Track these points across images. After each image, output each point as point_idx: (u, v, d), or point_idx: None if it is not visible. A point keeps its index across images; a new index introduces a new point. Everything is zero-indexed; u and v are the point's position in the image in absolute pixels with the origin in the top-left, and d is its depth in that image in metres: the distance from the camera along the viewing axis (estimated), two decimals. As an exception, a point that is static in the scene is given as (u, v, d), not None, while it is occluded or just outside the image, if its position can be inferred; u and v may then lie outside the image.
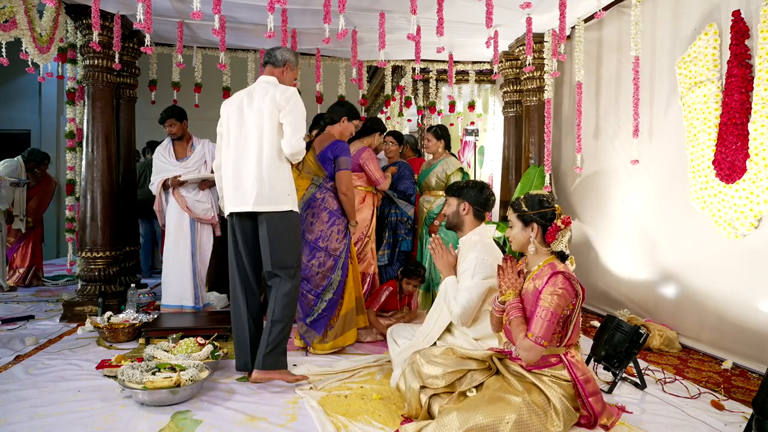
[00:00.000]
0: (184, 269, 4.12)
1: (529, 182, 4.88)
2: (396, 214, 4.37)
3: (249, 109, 2.77)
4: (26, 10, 3.54)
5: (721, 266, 3.30)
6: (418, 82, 6.51)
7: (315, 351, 3.29)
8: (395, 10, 4.11)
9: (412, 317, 3.88)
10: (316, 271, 3.30)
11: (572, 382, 2.08)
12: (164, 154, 4.23)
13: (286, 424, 2.28)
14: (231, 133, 2.79)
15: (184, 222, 4.17)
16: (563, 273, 2.08)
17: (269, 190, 2.69)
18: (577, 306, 2.10)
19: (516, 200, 2.29)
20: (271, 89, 2.77)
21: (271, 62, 2.90)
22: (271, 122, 2.71)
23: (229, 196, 2.78)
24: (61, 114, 8.58)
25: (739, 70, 3.05)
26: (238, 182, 2.73)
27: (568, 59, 4.86)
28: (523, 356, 2.08)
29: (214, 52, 5.26)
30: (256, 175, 2.68)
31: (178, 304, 4.11)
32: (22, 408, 2.41)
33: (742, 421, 2.36)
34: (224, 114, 2.86)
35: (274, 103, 2.71)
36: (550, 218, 2.18)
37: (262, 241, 2.76)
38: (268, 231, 2.71)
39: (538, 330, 2.03)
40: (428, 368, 2.21)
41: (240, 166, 2.73)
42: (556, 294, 2.04)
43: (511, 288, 2.21)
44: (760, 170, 2.90)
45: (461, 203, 2.72)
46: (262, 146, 2.71)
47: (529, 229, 2.20)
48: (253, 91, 2.82)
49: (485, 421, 1.90)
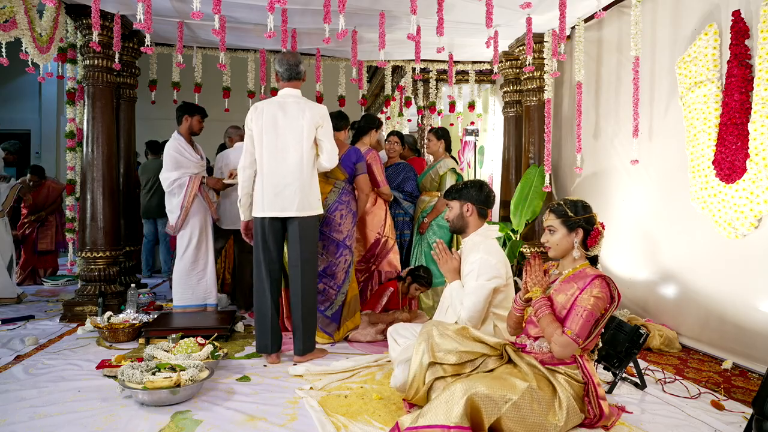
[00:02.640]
0: (210, 269, 4.18)
1: (529, 182, 4.88)
2: (402, 214, 4.43)
3: (285, 122, 3.06)
4: (26, 10, 3.54)
5: (721, 266, 3.30)
6: (418, 82, 6.51)
7: (332, 339, 3.57)
8: (395, 10, 4.11)
9: (413, 317, 3.89)
10: (342, 267, 3.60)
11: (585, 383, 2.10)
12: (185, 149, 4.11)
13: (286, 424, 2.28)
14: (265, 142, 3.06)
15: (209, 221, 4.22)
16: (604, 277, 2.13)
17: (307, 198, 3.06)
18: (609, 311, 2.13)
19: (558, 206, 2.28)
20: (305, 106, 3.09)
21: (295, 77, 3.17)
22: (309, 138, 3.06)
23: (268, 201, 3.05)
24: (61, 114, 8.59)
25: (739, 70, 3.05)
26: (278, 190, 3.03)
27: (568, 59, 4.86)
28: (557, 351, 2.10)
29: (214, 52, 5.26)
30: (299, 186, 3.03)
31: (203, 303, 4.14)
32: (22, 408, 2.41)
33: (742, 421, 2.36)
34: (256, 124, 3.08)
35: (312, 121, 3.06)
36: (593, 223, 2.22)
37: (292, 238, 3.09)
38: (300, 231, 3.07)
39: (576, 327, 2.06)
40: (443, 341, 2.20)
41: (280, 176, 3.04)
42: (595, 296, 2.08)
43: (538, 285, 2.23)
44: (760, 170, 2.90)
45: (463, 204, 2.70)
46: (302, 159, 3.05)
47: (574, 235, 2.23)
48: (285, 105, 3.09)
49: (487, 391, 1.90)
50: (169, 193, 4.05)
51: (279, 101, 3.12)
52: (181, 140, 4.12)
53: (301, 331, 3.10)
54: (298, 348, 3.11)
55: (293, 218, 3.07)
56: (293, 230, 3.08)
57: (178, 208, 4.03)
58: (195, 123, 4.20)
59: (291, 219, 3.07)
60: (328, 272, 3.58)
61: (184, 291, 4.09)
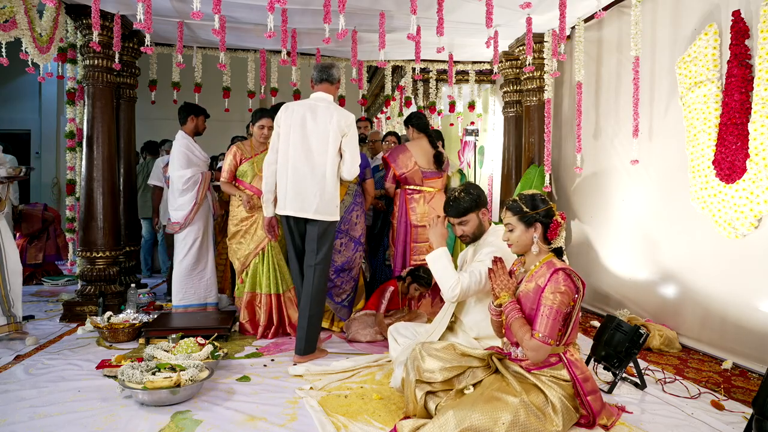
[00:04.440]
0: (211, 267, 4.22)
1: (529, 182, 4.88)
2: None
3: (313, 124, 3.10)
4: (26, 10, 3.54)
5: (721, 266, 3.29)
6: (418, 82, 6.51)
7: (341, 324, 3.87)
8: (395, 10, 4.11)
9: (413, 317, 3.88)
10: (357, 262, 3.90)
11: (571, 381, 2.08)
12: (195, 147, 4.19)
13: (286, 424, 2.28)
14: (291, 141, 3.11)
15: (211, 220, 4.27)
16: (564, 270, 2.08)
17: (326, 203, 3.11)
18: (578, 302, 2.10)
19: (513, 203, 2.24)
20: (334, 111, 3.11)
21: (328, 80, 3.21)
22: (334, 144, 3.10)
23: (289, 200, 3.11)
24: (61, 114, 8.58)
25: (739, 70, 3.05)
26: (299, 189, 3.09)
27: (568, 59, 4.86)
28: (530, 356, 2.08)
29: (214, 52, 5.26)
30: (319, 189, 3.08)
31: (204, 302, 4.16)
32: (22, 408, 2.41)
33: (742, 421, 2.36)
34: (285, 123, 3.14)
35: (339, 128, 3.09)
36: (551, 215, 2.19)
37: (310, 238, 3.17)
38: (318, 233, 3.13)
39: (543, 329, 2.03)
40: (428, 362, 2.19)
41: (301, 176, 3.09)
42: (558, 291, 2.04)
43: (505, 290, 2.20)
44: (760, 170, 2.90)
45: (479, 213, 2.64)
46: (326, 164, 3.09)
47: (532, 230, 2.20)
48: (315, 107, 3.14)
49: (481, 419, 1.89)
50: (183, 190, 4.05)
51: (310, 103, 3.16)
52: (190, 139, 4.18)
53: (305, 331, 3.14)
54: (299, 348, 3.14)
55: (314, 221, 3.13)
56: (312, 231, 3.15)
57: (189, 204, 4.05)
58: (200, 123, 4.25)
59: (312, 221, 3.14)
60: (346, 267, 3.81)
61: (186, 290, 4.10)
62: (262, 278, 3.77)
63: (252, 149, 3.90)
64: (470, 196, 2.61)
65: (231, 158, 3.87)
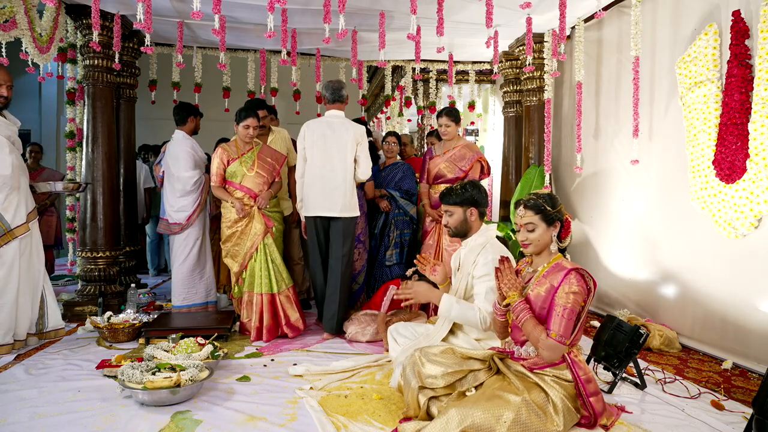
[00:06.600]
0: (209, 266, 4.27)
1: (529, 182, 4.88)
2: (401, 214, 4.44)
3: (333, 137, 3.67)
4: (26, 10, 3.54)
5: (721, 266, 3.29)
6: (418, 82, 6.51)
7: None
8: (395, 10, 4.11)
9: (413, 316, 3.87)
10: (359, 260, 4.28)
11: (574, 382, 2.08)
12: (198, 148, 4.24)
13: (286, 424, 2.28)
14: (315, 153, 3.68)
15: (207, 221, 4.31)
16: (577, 270, 2.09)
17: (349, 202, 3.68)
18: (588, 303, 2.10)
19: (533, 202, 2.21)
20: (349, 126, 3.72)
21: (339, 100, 3.78)
22: (352, 153, 3.70)
23: (317, 202, 3.67)
24: (61, 114, 8.58)
25: (739, 70, 3.05)
26: (326, 193, 3.65)
27: (568, 59, 4.86)
28: (545, 356, 2.08)
29: (214, 52, 5.26)
30: (342, 191, 3.65)
31: (205, 301, 4.20)
32: (22, 408, 2.41)
33: (742, 421, 2.36)
34: (308, 139, 3.69)
35: (354, 139, 3.69)
36: (564, 215, 2.22)
37: (335, 235, 3.71)
38: (343, 229, 3.70)
39: (558, 328, 2.03)
40: (428, 367, 2.19)
41: (327, 182, 3.65)
42: (572, 292, 2.05)
43: (513, 289, 2.18)
44: (760, 170, 2.90)
45: (467, 209, 2.64)
46: (346, 169, 3.67)
47: (552, 228, 2.20)
48: (332, 123, 3.72)
49: (482, 417, 1.89)
50: (190, 191, 4.05)
51: (327, 121, 3.73)
52: (192, 140, 4.22)
53: (337, 312, 3.68)
54: (331, 326, 3.69)
55: (337, 218, 3.65)
56: (337, 227, 3.69)
57: (192, 206, 4.06)
58: (198, 123, 4.31)
59: (335, 218, 3.67)
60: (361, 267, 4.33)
61: (188, 291, 4.12)
62: (256, 277, 3.74)
63: (238, 149, 3.78)
64: (465, 192, 2.65)
65: (218, 161, 3.74)
